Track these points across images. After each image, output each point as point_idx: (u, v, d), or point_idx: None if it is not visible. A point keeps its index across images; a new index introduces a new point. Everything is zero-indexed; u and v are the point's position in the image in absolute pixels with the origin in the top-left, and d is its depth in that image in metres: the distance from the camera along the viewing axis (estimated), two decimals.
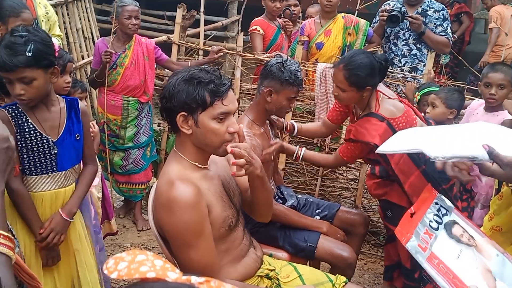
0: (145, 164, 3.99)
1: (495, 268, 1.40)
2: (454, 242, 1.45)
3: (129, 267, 0.74)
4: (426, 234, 1.47)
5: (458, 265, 1.37)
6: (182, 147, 1.86)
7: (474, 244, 1.47)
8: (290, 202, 2.90)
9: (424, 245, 1.42)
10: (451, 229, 1.50)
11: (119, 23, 3.70)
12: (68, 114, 2.20)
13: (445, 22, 4.13)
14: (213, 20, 7.56)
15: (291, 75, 2.56)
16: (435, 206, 1.59)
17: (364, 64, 2.50)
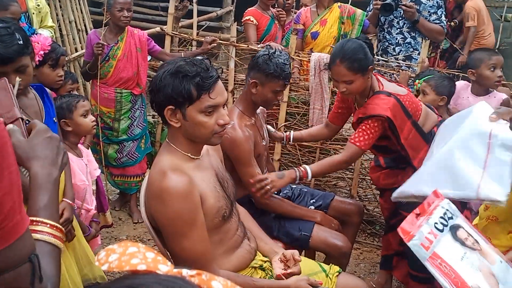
0: (139, 156, 3.98)
1: (498, 273, 1.41)
2: (459, 245, 1.46)
3: (120, 259, 0.74)
4: (430, 234, 1.47)
5: (461, 266, 1.37)
6: (174, 138, 1.86)
7: (479, 248, 1.47)
8: (285, 192, 2.90)
9: (427, 244, 1.42)
10: (456, 232, 1.51)
11: (110, 15, 3.66)
12: (42, 99, 2.21)
13: (439, 10, 4.11)
14: (208, 11, 7.53)
15: (277, 68, 2.51)
16: (441, 209, 1.58)
17: (356, 47, 2.50)
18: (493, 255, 1.48)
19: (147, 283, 0.62)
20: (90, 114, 2.74)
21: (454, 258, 1.39)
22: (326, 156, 4.02)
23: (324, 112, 3.80)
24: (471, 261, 1.41)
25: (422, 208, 1.58)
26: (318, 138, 3.23)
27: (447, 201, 1.63)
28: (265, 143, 2.81)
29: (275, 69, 2.51)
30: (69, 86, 3.16)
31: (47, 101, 2.23)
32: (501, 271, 1.42)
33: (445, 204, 1.60)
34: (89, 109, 2.76)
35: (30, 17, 3.75)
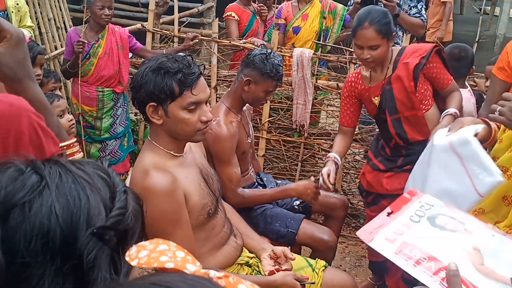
0: (122, 154, 3.95)
1: (487, 247, 1.32)
2: (438, 229, 1.39)
3: (149, 255, 0.74)
4: (403, 226, 1.38)
5: (436, 248, 1.28)
6: (156, 136, 1.84)
7: (462, 229, 1.40)
8: (270, 187, 2.89)
9: (394, 237, 1.33)
10: (434, 220, 1.44)
11: (91, 13, 3.61)
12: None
13: (419, 3, 4.13)
14: (189, 7, 7.48)
15: (273, 68, 2.54)
16: (418, 203, 1.52)
17: (383, 12, 2.55)
18: (482, 231, 1.40)
19: (173, 281, 0.62)
20: (67, 113, 2.70)
21: (428, 241, 1.31)
22: (310, 151, 4.04)
23: (307, 107, 3.80)
24: (451, 240, 1.33)
25: (395, 205, 1.51)
26: (347, 148, 3.05)
27: (426, 196, 1.58)
28: (250, 140, 2.80)
29: (271, 69, 2.53)
30: (52, 85, 3.12)
31: None
32: (491, 245, 1.34)
33: (423, 199, 1.55)
34: (65, 108, 2.72)
35: (8, 16, 3.68)
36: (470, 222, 1.45)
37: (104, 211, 0.75)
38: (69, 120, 2.69)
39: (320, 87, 3.88)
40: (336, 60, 3.80)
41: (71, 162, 0.79)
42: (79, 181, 0.75)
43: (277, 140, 4.03)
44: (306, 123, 3.87)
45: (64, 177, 0.75)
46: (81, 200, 0.73)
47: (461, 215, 1.48)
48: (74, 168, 0.77)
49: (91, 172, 0.78)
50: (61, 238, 0.70)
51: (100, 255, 0.72)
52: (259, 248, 2.17)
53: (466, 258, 1.27)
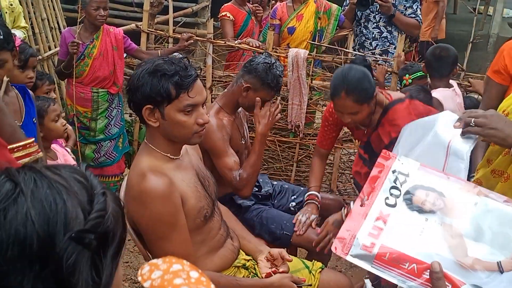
0: (117, 156, 3.93)
1: (469, 229, 1.25)
2: (416, 214, 1.29)
3: (163, 277, 0.73)
4: (378, 221, 1.28)
5: (416, 246, 1.22)
6: (153, 138, 1.83)
7: (441, 206, 1.30)
8: (266, 189, 2.89)
9: (371, 241, 1.24)
10: (411, 199, 1.33)
11: (86, 14, 3.59)
12: (23, 99, 2.17)
13: (415, 4, 4.15)
14: (183, 6, 7.46)
15: (274, 79, 2.54)
16: (392, 175, 1.39)
17: (360, 77, 2.33)
18: (463, 202, 1.31)
19: None
20: (61, 117, 2.70)
21: (407, 240, 1.23)
22: (305, 151, 4.04)
23: (302, 108, 3.80)
24: (432, 232, 1.25)
25: (369, 187, 1.39)
26: (323, 171, 3.02)
27: (398, 161, 1.45)
28: (245, 141, 2.80)
29: (272, 79, 2.53)
30: (46, 88, 3.10)
31: (28, 102, 2.20)
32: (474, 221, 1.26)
33: (396, 166, 1.42)
34: (60, 113, 2.72)
35: (2, 16, 3.66)
36: (449, 188, 1.36)
37: (82, 215, 0.75)
38: (63, 124, 2.68)
39: (315, 87, 3.88)
40: (331, 60, 3.81)
41: (47, 167, 0.79)
42: (54, 186, 0.75)
43: (272, 140, 4.02)
44: (301, 123, 3.87)
45: (39, 182, 0.74)
46: (58, 205, 0.73)
47: (439, 180, 1.39)
48: (49, 173, 0.77)
49: (68, 176, 0.78)
50: (39, 244, 0.70)
51: (80, 259, 0.72)
52: (255, 251, 2.17)
53: (449, 252, 1.22)
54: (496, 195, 1.35)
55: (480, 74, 3.95)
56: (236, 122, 2.68)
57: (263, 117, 2.52)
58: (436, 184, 1.37)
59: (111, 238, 0.77)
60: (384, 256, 1.21)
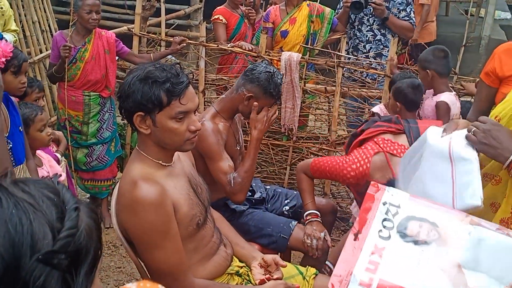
0: (110, 160, 3.90)
1: (465, 258, 1.25)
2: (412, 245, 1.28)
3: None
4: (374, 255, 1.26)
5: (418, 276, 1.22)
6: (144, 145, 1.81)
7: (436, 236, 1.30)
8: (258, 194, 2.88)
9: (369, 276, 1.22)
10: (405, 231, 1.33)
11: (78, 17, 3.56)
12: (7, 108, 2.14)
13: (408, 6, 4.15)
14: (175, 9, 7.44)
15: (276, 88, 2.55)
16: (383, 207, 1.38)
17: None
18: (457, 232, 1.31)
19: None
20: (47, 127, 2.68)
21: (405, 272, 1.23)
22: (299, 155, 4.03)
23: (296, 111, 3.79)
24: (428, 262, 1.25)
25: (361, 220, 1.37)
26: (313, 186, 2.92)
27: (388, 192, 1.43)
28: (239, 147, 2.78)
29: (274, 88, 2.54)
30: (36, 95, 3.08)
31: (12, 110, 2.16)
32: (470, 250, 1.26)
33: (386, 197, 1.41)
34: (46, 122, 2.70)
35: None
36: (442, 218, 1.36)
37: (51, 234, 0.72)
38: (48, 134, 2.67)
39: (308, 90, 3.87)
40: (324, 63, 3.80)
41: (16, 183, 0.76)
42: (21, 205, 0.72)
43: (265, 143, 4.01)
44: (294, 126, 3.86)
45: (4, 202, 0.72)
46: (23, 226, 0.70)
47: (430, 210, 1.38)
48: (17, 190, 0.74)
49: (37, 193, 0.75)
50: (3, 268, 0.67)
51: (50, 280, 0.70)
52: (249, 257, 2.15)
53: (448, 282, 1.22)
54: (488, 223, 1.35)
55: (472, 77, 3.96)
56: (232, 127, 2.67)
57: (260, 122, 2.52)
58: (428, 215, 1.37)
59: (84, 255, 0.75)
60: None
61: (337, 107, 3.78)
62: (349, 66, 3.79)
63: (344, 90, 3.77)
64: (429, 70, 3.11)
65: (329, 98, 3.96)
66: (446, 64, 3.16)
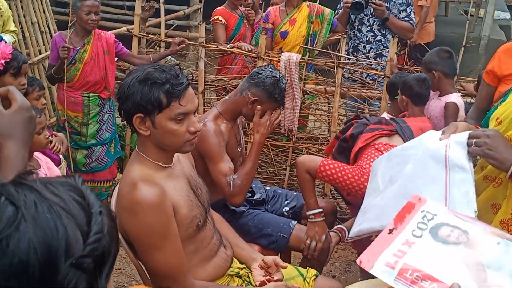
0: (109, 161, 3.90)
1: (491, 259, 1.29)
2: (440, 244, 1.35)
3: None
4: (404, 245, 1.34)
5: (438, 268, 1.27)
6: (144, 147, 1.80)
7: (465, 240, 1.36)
8: (258, 195, 2.88)
9: (395, 260, 1.29)
10: (437, 232, 1.39)
11: (77, 18, 3.55)
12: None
13: (408, 7, 4.15)
14: (175, 9, 7.43)
15: (280, 93, 2.57)
16: (420, 213, 1.46)
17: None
18: (486, 240, 1.36)
19: None
20: (45, 129, 2.66)
21: (430, 261, 1.29)
22: (299, 155, 4.03)
23: (295, 112, 3.79)
24: (453, 256, 1.31)
25: (399, 219, 1.45)
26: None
27: (430, 202, 1.51)
28: (240, 149, 2.78)
29: (279, 93, 2.56)
30: (37, 94, 3.07)
31: None
32: (496, 256, 1.30)
33: (425, 207, 1.48)
34: (45, 125, 2.69)
35: None
36: (474, 228, 1.41)
37: (82, 238, 0.73)
38: (46, 137, 2.65)
39: (307, 91, 3.87)
40: (323, 64, 3.79)
41: (44, 185, 0.77)
42: (55, 209, 0.73)
43: (265, 144, 4.00)
44: (294, 127, 3.86)
45: (39, 207, 0.72)
46: (59, 231, 0.71)
47: (464, 221, 1.44)
48: (48, 194, 0.75)
49: (66, 196, 0.76)
50: (40, 272, 0.68)
51: (79, 283, 0.71)
52: (249, 258, 2.15)
53: (469, 275, 1.25)
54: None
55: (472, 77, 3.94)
56: (234, 129, 2.67)
57: (263, 126, 2.52)
58: (461, 224, 1.43)
59: (106, 258, 0.77)
60: (406, 273, 1.25)
61: (337, 107, 3.78)
62: (349, 67, 3.79)
63: (343, 90, 3.77)
64: (435, 72, 3.06)
65: (329, 98, 3.96)
66: (451, 64, 3.13)
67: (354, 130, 2.70)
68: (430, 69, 3.09)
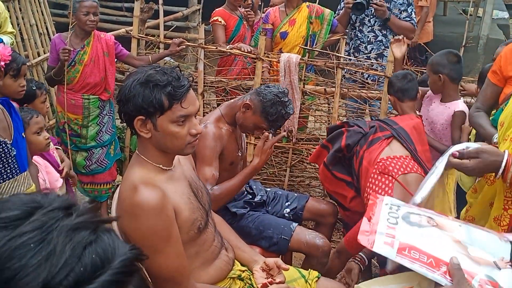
0: (109, 163, 3.89)
1: (462, 237, 1.40)
2: (417, 227, 1.44)
3: None
4: (390, 229, 1.42)
5: (429, 245, 1.36)
6: (144, 149, 1.79)
7: (435, 224, 1.47)
8: (259, 197, 2.88)
9: (390, 240, 1.37)
10: (409, 219, 1.49)
11: (76, 19, 3.55)
12: (9, 114, 2.12)
13: (409, 7, 4.14)
14: (173, 11, 7.43)
15: (275, 115, 2.54)
16: (385, 206, 1.55)
17: None
18: (450, 223, 1.48)
19: None
20: (44, 130, 2.65)
21: (419, 241, 1.38)
22: (298, 156, 4.02)
23: (295, 113, 3.78)
24: (435, 237, 1.41)
25: (369, 211, 1.55)
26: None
27: (387, 198, 1.62)
28: (241, 154, 2.78)
29: (272, 113, 2.53)
30: (44, 97, 3.10)
31: (14, 116, 2.14)
32: (464, 235, 1.42)
33: (387, 201, 1.59)
34: (43, 126, 2.67)
35: None
36: (435, 215, 1.53)
37: None
38: (46, 138, 2.64)
39: (307, 92, 3.86)
40: (323, 65, 3.79)
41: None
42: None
43: None
44: (294, 128, 3.85)
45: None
46: None
47: (425, 211, 1.55)
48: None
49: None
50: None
51: None
52: (250, 261, 2.14)
53: (456, 248, 1.34)
54: (474, 225, 1.54)
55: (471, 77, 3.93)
56: (235, 133, 2.66)
57: (265, 153, 2.50)
58: (423, 212, 1.54)
59: None
60: (405, 250, 1.32)
61: (337, 108, 3.77)
62: (348, 67, 3.78)
63: (343, 91, 3.76)
64: (441, 75, 2.96)
65: (329, 99, 3.95)
66: (459, 69, 3.02)
67: (349, 140, 2.65)
68: (437, 72, 2.98)
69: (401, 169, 2.37)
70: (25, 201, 0.73)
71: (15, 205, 0.73)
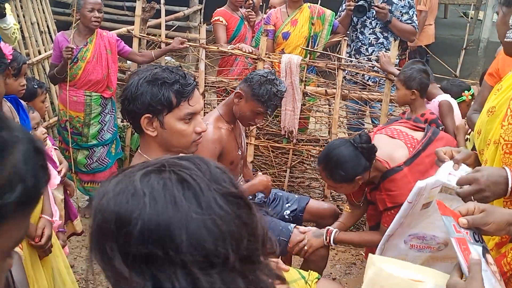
0: (110, 161, 3.89)
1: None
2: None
3: None
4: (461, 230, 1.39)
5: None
6: (147, 148, 1.79)
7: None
8: (259, 197, 2.88)
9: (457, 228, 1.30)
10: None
11: (81, 16, 3.57)
12: (17, 112, 2.12)
13: (411, 10, 4.15)
14: (175, 10, 7.43)
15: (266, 94, 2.53)
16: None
17: (341, 159, 2.31)
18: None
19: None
20: (40, 126, 2.65)
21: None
22: (299, 157, 4.02)
23: (296, 113, 3.79)
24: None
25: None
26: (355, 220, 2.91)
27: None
28: (241, 152, 2.78)
29: (263, 94, 2.52)
30: (44, 96, 3.10)
31: (22, 114, 2.14)
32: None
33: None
34: (39, 121, 2.67)
35: None
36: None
37: None
38: (43, 133, 2.64)
39: (308, 93, 3.86)
40: (324, 66, 3.79)
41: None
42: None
43: (265, 146, 4.00)
44: (294, 129, 3.85)
45: None
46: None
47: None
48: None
49: None
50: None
51: None
52: None
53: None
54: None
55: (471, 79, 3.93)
56: (234, 131, 2.66)
57: (264, 186, 2.65)
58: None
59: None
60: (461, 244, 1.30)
61: (338, 109, 3.77)
62: (350, 69, 3.78)
63: (344, 92, 3.77)
64: (415, 90, 2.93)
65: (330, 100, 3.95)
66: (428, 84, 3.01)
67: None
68: (410, 87, 2.94)
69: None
70: None
71: None
